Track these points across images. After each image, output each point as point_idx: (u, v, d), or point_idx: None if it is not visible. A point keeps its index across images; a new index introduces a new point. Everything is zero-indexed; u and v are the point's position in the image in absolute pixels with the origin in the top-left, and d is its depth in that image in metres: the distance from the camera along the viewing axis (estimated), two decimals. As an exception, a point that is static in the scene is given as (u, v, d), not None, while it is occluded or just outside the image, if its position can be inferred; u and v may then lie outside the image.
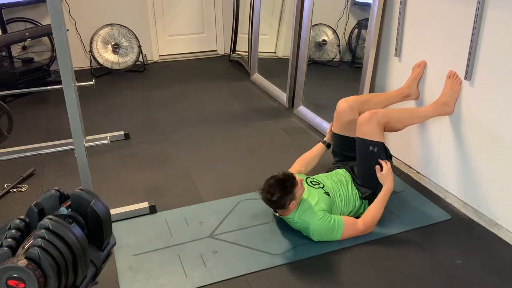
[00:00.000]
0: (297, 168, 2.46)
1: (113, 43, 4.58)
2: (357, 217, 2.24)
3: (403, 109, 2.46)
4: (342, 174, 2.33)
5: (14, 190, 2.56)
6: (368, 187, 2.24)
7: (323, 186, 2.23)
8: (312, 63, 3.76)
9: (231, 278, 1.92)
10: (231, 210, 2.37)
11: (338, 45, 3.76)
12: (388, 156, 2.24)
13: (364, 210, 2.26)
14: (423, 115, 2.35)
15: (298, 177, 2.11)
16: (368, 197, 2.25)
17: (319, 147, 2.54)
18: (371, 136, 2.18)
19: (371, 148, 2.18)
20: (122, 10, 4.68)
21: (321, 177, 2.32)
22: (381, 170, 2.19)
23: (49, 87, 3.36)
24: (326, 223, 2.06)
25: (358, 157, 2.26)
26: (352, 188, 2.26)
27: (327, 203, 2.13)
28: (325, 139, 2.55)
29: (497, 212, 2.16)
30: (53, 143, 2.99)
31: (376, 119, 2.18)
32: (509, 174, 2.07)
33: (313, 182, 2.25)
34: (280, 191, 2.02)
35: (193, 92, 4.12)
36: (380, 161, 2.19)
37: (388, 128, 2.25)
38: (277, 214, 2.24)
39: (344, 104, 2.40)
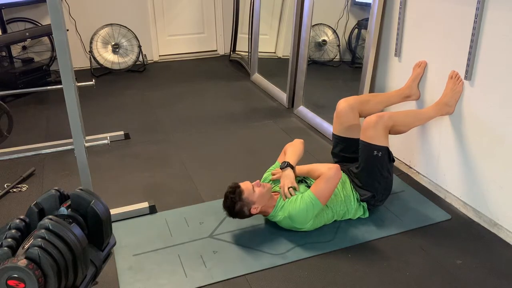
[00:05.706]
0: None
1: (113, 43, 4.58)
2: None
3: (407, 112, 2.46)
4: None
5: (14, 190, 2.56)
6: (368, 190, 2.23)
7: (307, 181, 2.25)
8: (312, 63, 3.75)
9: (231, 278, 1.92)
10: (231, 210, 2.37)
11: (338, 45, 3.76)
12: (391, 160, 2.23)
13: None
14: (426, 116, 2.35)
15: (259, 182, 2.12)
16: (367, 200, 2.24)
17: None
18: (376, 141, 2.17)
19: (375, 152, 2.16)
20: (122, 10, 4.68)
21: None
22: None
23: (49, 87, 3.37)
24: (299, 202, 2.07)
25: (361, 160, 2.23)
26: (350, 188, 2.25)
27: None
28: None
29: (497, 212, 2.16)
30: (53, 143, 2.99)
31: (382, 123, 2.17)
32: (509, 174, 2.07)
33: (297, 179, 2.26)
34: (232, 202, 2.05)
35: (193, 92, 4.12)
36: (286, 191, 2.16)
37: (393, 131, 2.24)
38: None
39: (344, 104, 2.40)
